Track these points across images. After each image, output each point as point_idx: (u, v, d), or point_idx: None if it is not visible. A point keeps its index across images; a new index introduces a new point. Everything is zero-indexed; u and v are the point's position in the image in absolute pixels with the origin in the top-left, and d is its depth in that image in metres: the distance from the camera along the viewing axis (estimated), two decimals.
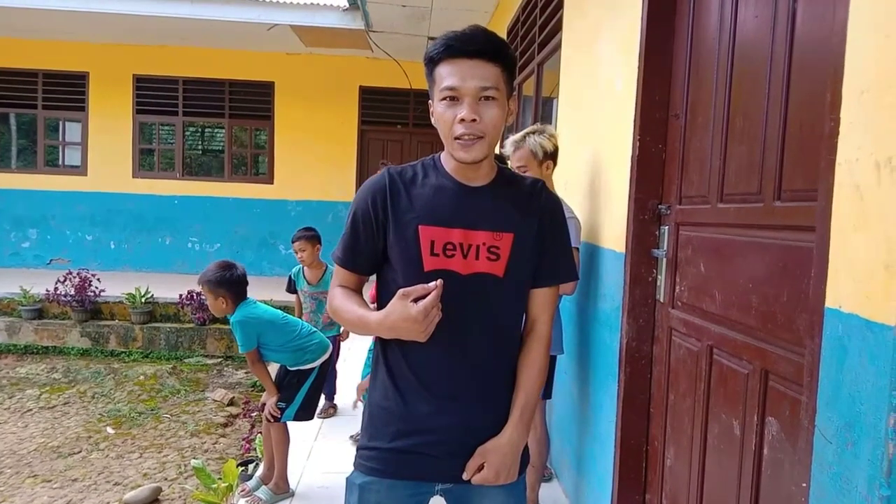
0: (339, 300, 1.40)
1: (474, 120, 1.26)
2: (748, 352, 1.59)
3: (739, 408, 1.63)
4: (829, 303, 1.14)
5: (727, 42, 1.76)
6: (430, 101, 1.35)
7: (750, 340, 1.59)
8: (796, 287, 1.39)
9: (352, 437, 3.53)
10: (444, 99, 1.28)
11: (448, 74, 1.26)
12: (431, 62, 1.30)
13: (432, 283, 1.23)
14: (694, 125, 1.95)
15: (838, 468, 1.11)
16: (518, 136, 2.67)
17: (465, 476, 1.36)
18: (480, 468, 1.36)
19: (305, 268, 4.18)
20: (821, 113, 1.23)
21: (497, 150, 1.94)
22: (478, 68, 1.26)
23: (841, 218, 1.12)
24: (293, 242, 4.10)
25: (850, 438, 1.08)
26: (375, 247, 1.37)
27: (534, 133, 2.62)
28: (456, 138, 1.28)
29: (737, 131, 1.69)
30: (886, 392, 1.00)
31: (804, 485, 1.19)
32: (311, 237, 4.08)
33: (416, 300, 1.22)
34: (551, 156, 2.62)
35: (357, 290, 1.45)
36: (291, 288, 4.26)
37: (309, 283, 4.15)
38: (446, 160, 1.38)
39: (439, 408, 1.35)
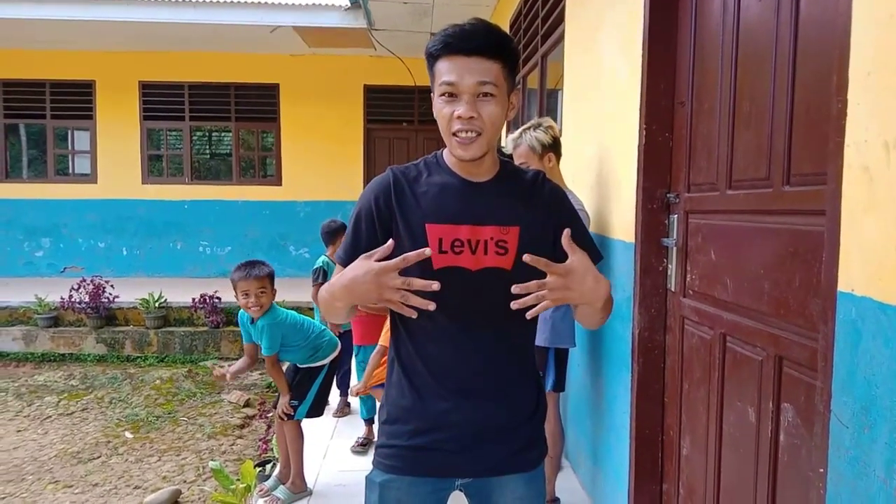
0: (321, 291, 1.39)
1: (472, 117, 1.25)
2: (761, 338, 1.58)
3: (754, 395, 1.62)
4: (842, 286, 1.13)
5: (731, 26, 1.74)
6: (432, 95, 1.35)
7: (763, 327, 1.58)
8: (808, 272, 1.38)
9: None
10: (443, 95, 1.27)
11: (446, 71, 1.26)
12: (431, 57, 1.30)
13: (413, 253, 1.18)
14: (700, 112, 1.94)
15: (856, 452, 1.10)
16: (516, 133, 2.68)
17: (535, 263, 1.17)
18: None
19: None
20: (827, 95, 1.22)
21: (502, 144, 1.94)
22: (476, 65, 1.24)
23: (851, 200, 1.11)
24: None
25: (866, 422, 1.07)
26: (377, 246, 1.37)
27: (530, 128, 2.63)
28: (453, 134, 1.28)
29: (743, 117, 1.68)
30: None
31: (821, 470, 1.19)
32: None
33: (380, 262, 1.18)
34: (551, 148, 2.62)
35: None
36: (325, 278, 4.03)
37: None
38: (448, 157, 1.38)
39: (455, 403, 1.36)
